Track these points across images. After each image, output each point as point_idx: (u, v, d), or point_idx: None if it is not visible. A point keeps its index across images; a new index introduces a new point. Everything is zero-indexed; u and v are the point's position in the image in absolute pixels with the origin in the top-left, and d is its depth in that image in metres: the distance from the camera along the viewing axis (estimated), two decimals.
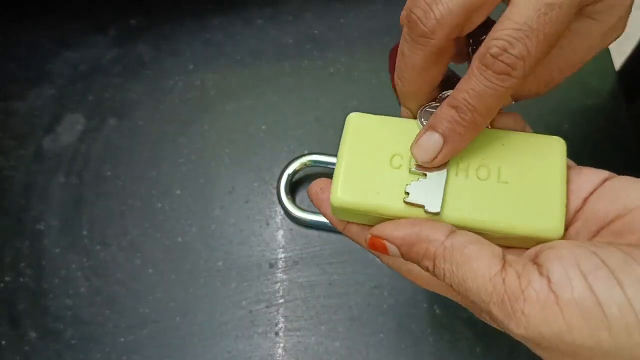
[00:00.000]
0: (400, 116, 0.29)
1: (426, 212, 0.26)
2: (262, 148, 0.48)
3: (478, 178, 0.27)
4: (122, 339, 0.43)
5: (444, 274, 0.24)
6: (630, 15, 0.27)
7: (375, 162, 0.27)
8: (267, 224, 0.46)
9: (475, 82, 0.24)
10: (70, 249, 0.46)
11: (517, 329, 0.21)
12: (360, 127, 0.28)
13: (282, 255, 0.45)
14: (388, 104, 0.49)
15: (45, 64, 0.53)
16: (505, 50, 0.23)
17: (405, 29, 0.25)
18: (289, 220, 0.46)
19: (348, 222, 0.29)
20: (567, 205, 0.26)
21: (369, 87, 0.50)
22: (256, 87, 0.51)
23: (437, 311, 0.43)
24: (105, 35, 0.53)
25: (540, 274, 0.21)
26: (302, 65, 0.51)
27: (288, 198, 0.45)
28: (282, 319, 0.43)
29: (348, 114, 0.51)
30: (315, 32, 0.52)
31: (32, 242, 0.46)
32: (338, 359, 0.42)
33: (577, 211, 0.26)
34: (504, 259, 0.23)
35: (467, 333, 0.42)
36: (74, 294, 0.45)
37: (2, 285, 0.45)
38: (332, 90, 0.50)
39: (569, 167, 0.27)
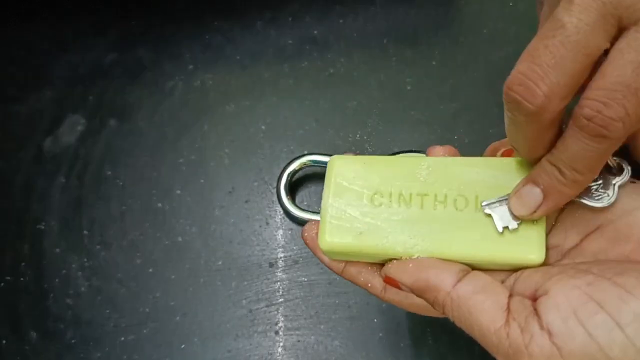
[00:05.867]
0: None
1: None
2: (262, 148, 0.49)
3: (456, 209, 0.28)
4: (122, 339, 0.43)
5: (454, 320, 0.25)
6: None
7: (358, 203, 0.29)
8: (267, 224, 0.46)
9: (571, 143, 0.23)
10: (70, 249, 0.46)
11: None
12: (341, 169, 0.30)
13: (282, 255, 0.45)
14: (386, 104, 0.49)
15: (45, 66, 0.53)
16: (599, 112, 0.21)
17: (508, 106, 0.23)
18: (288, 220, 0.46)
19: (346, 263, 0.30)
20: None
21: (369, 89, 0.50)
22: (256, 88, 0.51)
23: None
24: (106, 37, 0.54)
25: (541, 327, 0.22)
26: (302, 67, 0.51)
27: (288, 198, 0.45)
28: (282, 318, 0.43)
29: (347, 114, 0.51)
30: (315, 33, 0.52)
31: (32, 243, 0.46)
32: (337, 358, 0.42)
33: (561, 212, 0.27)
34: (507, 309, 0.23)
35: (466, 333, 0.42)
36: (74, 294, 0.45)
37: (2, 285, 0.45)
38: (331, 91, 0.50)
39: None
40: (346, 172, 0.30)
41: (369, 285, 0.30)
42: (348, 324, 0.43)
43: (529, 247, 0.26)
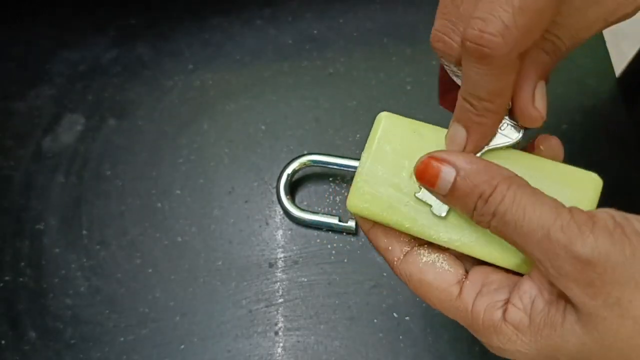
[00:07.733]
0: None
1: (432, 213, 0.26)
2: (262, 148, 0.48)
3: None
4: (122, 339, 0.43)
5: (497, 207, 0.23)
6: (632, 19, 0.26)
7: (397, 172, 0.27)
8: (267, 224, 0.46)
9: (467, 71, 0.23)
10: (69, 248, 0.46)
11: (583, 247, 0.21)
12: (388, 131, 0.27)
13: (282, 255, 0.45)
14: (386, 103, 0.49)
15: (44, 64, 0.53)
16: (481, 30, 0.21)
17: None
18: (288, 220, 0.46)
19: (374, 223, 0.28)
20: None
21: (368, 87, 0.50)
22: (255, 87, 0.51)
23: (436, 310, 0.43)
24: (105, 35, 0.53)
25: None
26: (302, 65, 0.51)
27: (287, 198, 0.45)
28: (282, 319, 0.43)
29: (347, 113, 0.51)
30: (315, 32, 0.52)
31: (31, 242, 0.46)
32: (337, 359, 0.42)
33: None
34: (571, 212, 0.22)
35: (466, 332, 0.42)
36: (74, 293, 0.45)
37: (1, 284, 0.45)
38: (331, 90, 0.50)
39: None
40: (392, 137, 0.27)
41: (389, 248, 0.28)
42: (348, 324, 0.43)
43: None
